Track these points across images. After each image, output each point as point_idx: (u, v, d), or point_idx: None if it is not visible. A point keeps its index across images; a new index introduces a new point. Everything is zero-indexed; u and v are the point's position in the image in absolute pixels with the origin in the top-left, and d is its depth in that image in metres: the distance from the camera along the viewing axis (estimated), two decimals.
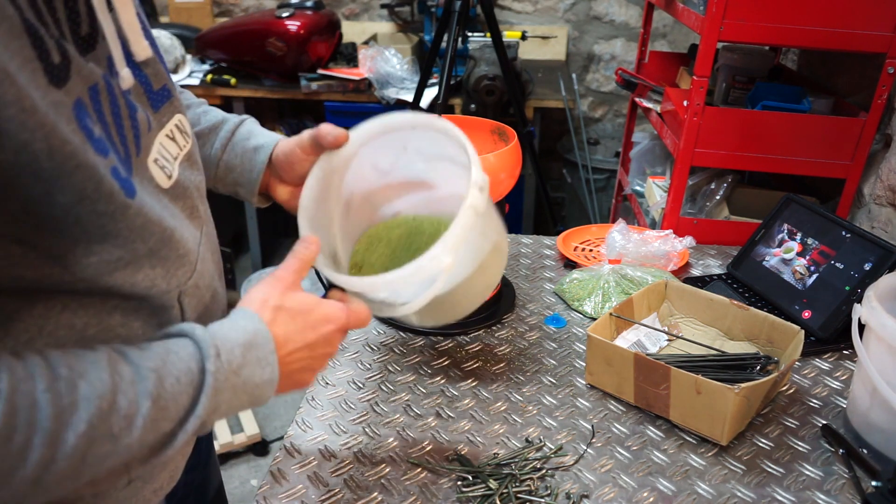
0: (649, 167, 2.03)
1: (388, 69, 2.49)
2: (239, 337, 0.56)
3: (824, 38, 1.29)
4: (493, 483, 0.79)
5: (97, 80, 0.49)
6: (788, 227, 1.20)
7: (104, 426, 0.46)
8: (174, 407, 0.51)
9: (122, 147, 0.52)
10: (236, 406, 0.56)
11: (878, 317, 0.80)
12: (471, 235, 0.68)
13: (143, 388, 0.49)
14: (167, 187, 0.59)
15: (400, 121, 0.76)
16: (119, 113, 0.52)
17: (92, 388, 0.46)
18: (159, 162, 0.58)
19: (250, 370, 0.56)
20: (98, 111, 0.49)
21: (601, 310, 1.14)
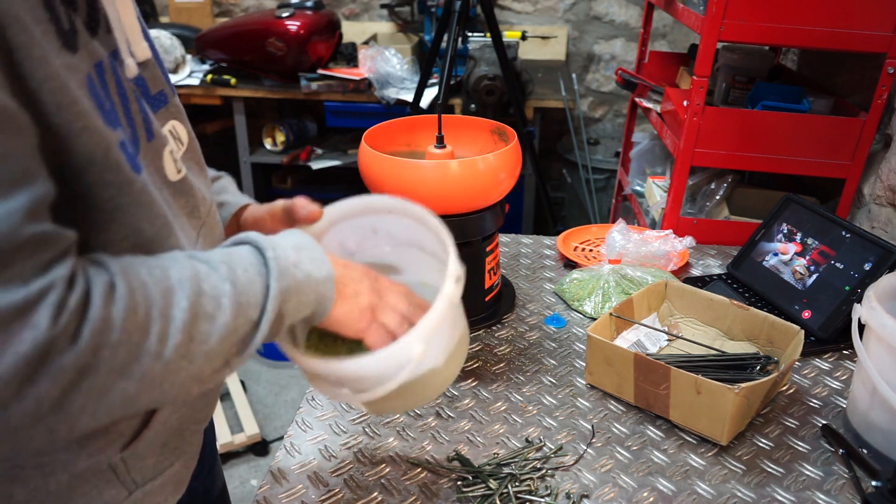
0: (649, 167, 2.03)
1: (388, 69, 2.49)
2: (287, 241, 0.59)
3: (824, 38, 1.29)
4: (493, 483, 0.79)
5: (102, 58, 0.50)
6: (788, 227, 1.20)
7: (199, 306, 0.50)
8: (251, 292, 0.54)
9: (129, 128, 0.53)
10: (305, 303, 0.59)
11: (878, 317, 0.80)
12: (443, 326, 0.68)
13: (220, 275, 0.52)
14: (174, 180, 0.60)
15: (377, 203, 0.77)
16: (126, 95, 0.53)
17: (181, 275, 0.50)
18: (174, 154, 0.60)
19: (308, 266, 0.58)
20: (104, 88, 0.50)
21: (601, 310, 1.14)
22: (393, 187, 1.00)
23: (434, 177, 0.97)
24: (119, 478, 0.61)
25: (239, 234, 0.60)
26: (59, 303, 0.42)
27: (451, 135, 1.09)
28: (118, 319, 0.45)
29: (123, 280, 0.46)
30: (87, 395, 0.44)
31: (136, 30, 0.58)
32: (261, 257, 0.56)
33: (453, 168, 0.97)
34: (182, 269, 0.51)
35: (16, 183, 0.41)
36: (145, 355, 0.46)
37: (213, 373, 0.53)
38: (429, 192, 0.98)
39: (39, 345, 0.41)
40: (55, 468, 0.56)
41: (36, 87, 0.43)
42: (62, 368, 0.42)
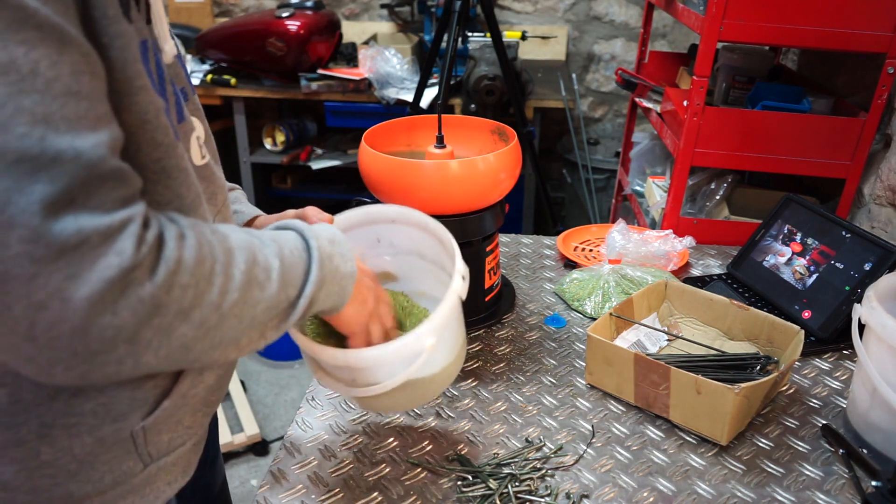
0: (649, 167, 2.03)
1: (388, 69, 2.49)
2: (324, 233, 0.63)
3: (824, 38, 1.29)
4: (493, 483, 0.79)
5: (147, 38, 0.54)
6: (788, 227, 1.20)
7: (252, 273, 0.53)
8: (294, 272, 0.57)
9: (165, 104, 0.56)
10: (330, 294, 0.62)
11: (878, 317, 0.80)
12: (452, 321, 0.71)
13: (271, 251, 0.56)
14: (199, 164, 0.64)
15: (382, 213, 0.81)
16: (164, 76, 0.57)
17: (239, 241, 0.54)
18: (200, 140, 0.64)
19: (338, 261, 0.62)
20: (145, 63, 0.53)
21: (601, 310, 1.14)
22: (393, 187, 1.00)
23: (434, 177, 0.97)
24: (137, 449, 0.62)
25: (282, 221, 0.64)
26: (139, 235, 0.45)
27: (451, 135, 1.09)
28: (189, 264, 0.47)
29: (193, 232, 0.49)
30: (155, 331, 0.46)
31: (165, 27, 0.62)
32: (305, 244, 0.60)
33: (453, 168, 0.97)
34: (240, 237, 0.54)
35: (101, 120, 0.45)
36: (207, 304, 0.49)
37: (250, 342, 0.55)
38: (429, 192, 0.98)
39: (124, 270, 0.43)
40: (81, 430, 0.58)
41: (107, 43, 0.48)
42: (141, 299, 0.45)
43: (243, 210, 0.84)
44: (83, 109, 0.43)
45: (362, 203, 1.07)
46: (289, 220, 0.64)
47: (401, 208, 0.81)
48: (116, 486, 0.62)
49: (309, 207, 0.79)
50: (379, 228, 0.83)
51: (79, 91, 0.43)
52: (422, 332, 0.67)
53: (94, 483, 0.60)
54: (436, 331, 0.68)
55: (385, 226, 0.83)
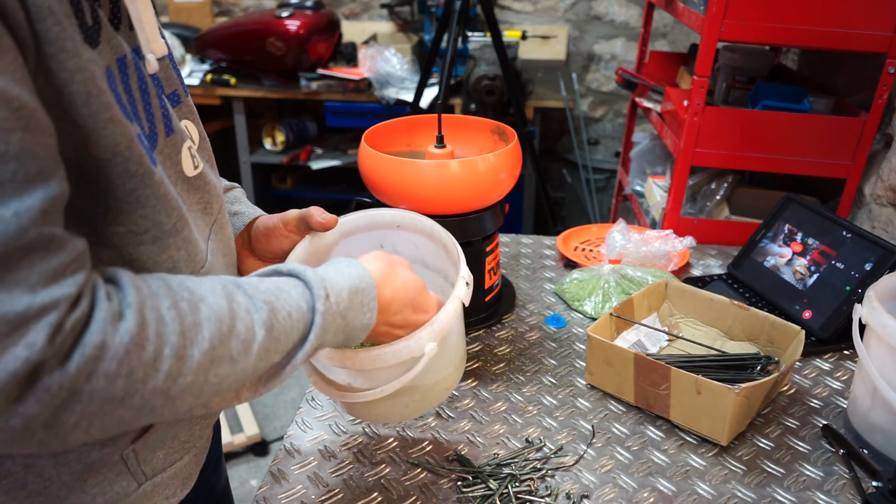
0: (649, 167, 2.03)
1: (388, 69, 2.49)
2: (346, 282, 0.59)
3: (824, 38, 1.29)
4: (493, 483, 0.78)
5: (125, 53, 0.52)
6: (789, 227, 1.20)
7: (224, 348, 0.49)
8: (285, 340, 0.54)
9: (148, 123, 0.54)
10: (333, 343, 0.60)
11: (878, 317, 0.80)
12: (454, 329, 0.70)
13: (259, 317, 0.52)
14: (190, 176, 0.61)
15: (387, 217, 0.80)
16: (147, 91, 0.55)
17: (212, 312, 0.49)
18: (192, 150, 0.62)
19: (354, 314, 0.59)
20: (125, 83, 0.51)
21: (601, 310, 1.14)
22: (393, 187, 1.00)
23: (434, 177, 0.97)
24: (130, 469, 0.61)
25: (299, 266, 0.59)
26: (58, 322, 0.41)
27: (451, 135, 1.09)
28: (117, 351, 0.43)
29: (137, 312, 0.45)
30: (80, 415, 0.43)
31: (153, 26, 0.59)
32: (310, 304, 0.56)
33: (453, 168, 0.97)
34: (215, 306, 0.49)
35: (31, 181, 0.41)
36: (148, 391, 0.45)
37: (221, 402, 0.53)
38: (429, 192, 0.98)
39: (32, 363, 0.40)
40: (69, 459, 0.57)
41: (67, 79, 0.44)
42: (49, 389, 0.41)
43: (243, 211, 0.81)
44: (8, 173, 0.39)
45: (363, 203, 1.07)
46: (303, 268, 0.58)
47: (406, 213, 0.79)
48: None
49: (313, 208, 0.77)
50: (382, 234, 0.82)
51: (4, 153, 0.39)
52: (423, 335, 0.66)
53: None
54: (437, 335, 0.67)
55: (389, 231, 0.81)
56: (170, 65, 0.63)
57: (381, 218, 0.80)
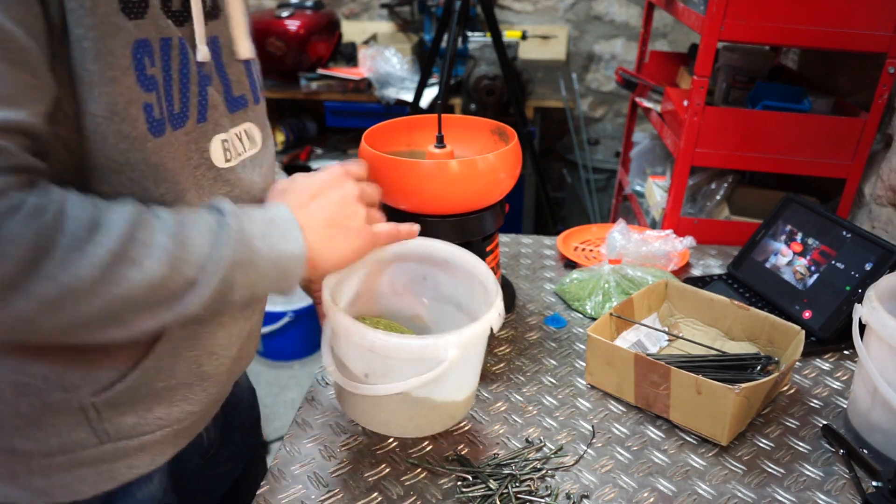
0: (649, 167, 2.03)
1: (388, 69, 2.49)
2: (263, 214, 0.62)
3: (824, 38, 1.29)
4: (493, 483, 0.78)
5: (173, 37, 0.57)
6: (789, 227, 1.20)
7: (125, 250, 0.51)
8: (195, 252, 0.55)
9: (181, 104, 0.59)
10: (266, 277, 0.60)
11: (878, 317, 0.80)
12: (476, 350, 0.70)
13: (162, 228, 0.54)
14: (220, 167, 0.65)
15: (437, 252, 0.81)
16: (188, 76, 0.59)
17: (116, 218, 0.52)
18: (226, 144, 0.65)
19: (274, 240, 0.61)
20: (165, 61, 0.57)
21: (601, 310, 1.14)
22: (393, 187, 1.00)
23: (434, 177, 0.97)
24: (90, 423, 0.64)
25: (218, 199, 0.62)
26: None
27: (451, 135, 1.08)
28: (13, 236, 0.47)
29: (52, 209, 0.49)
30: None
31: (242, 28, 0.67)
32: (220, 222, 0.58)
33: (453, 168, 0.97)
34: (122, 214, 0.52)
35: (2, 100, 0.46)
36: (45, 279, 0.48)
37: (138, 320, 0.54)
38: (429, 192, 0.98)
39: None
40: (29, 391, 0.60)
41: (82, 34, 0.50)
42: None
43: None
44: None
45: None
46: (220, 200, 0.62)
47: (456, 250, 0.80)
48: (64, 452, 0.64)
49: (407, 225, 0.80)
50: (430, 268, 0.82)
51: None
52: (450, 340, 0.66)
53: (38, 442, 0.62)
54: (461, 345, 0.66)
55: (435, 267, 0.82)
56: (243, 70, 0.69)
57: (431, 250, 0.81)
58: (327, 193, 0.68)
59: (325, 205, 0.67)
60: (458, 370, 0.69)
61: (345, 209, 0.68)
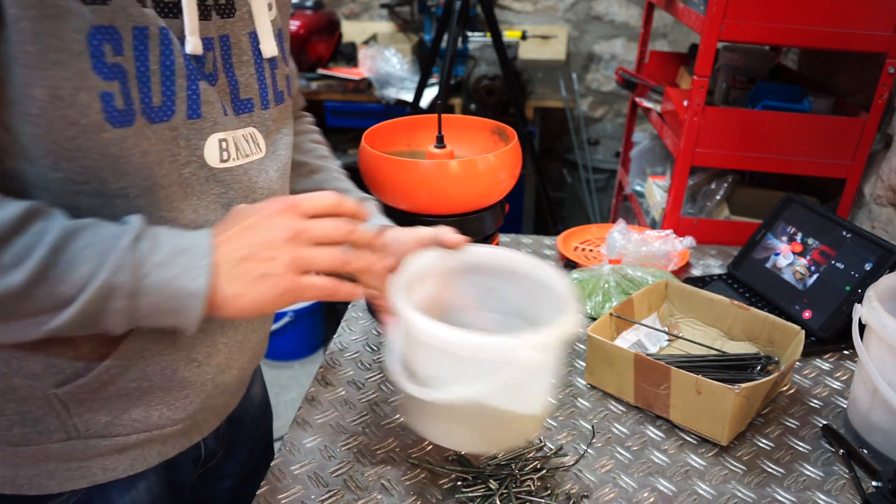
0: (649, 167, 2.03)
1: (388, 69, 2.49)
2: (174, 241, 0.55)
3: (824, 38, 1.29)
4: (493, 483, 0.78)
5: (150, 26, 0.54)
6: (789, 227, 1.20)
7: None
8: (75, 270, 0.51)
9: (163, 97, 0.56)
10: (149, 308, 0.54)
11: (878, 317, 0.80)
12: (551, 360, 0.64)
13: (44, 238, 0.51)
14: (214, 166, 0.62)
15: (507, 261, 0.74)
16: (172, 68, 0.57)
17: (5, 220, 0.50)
18: (224, 144, 0.63)
19: (174, 272, 0.53)
20: (140, 51, 0.54)
21: (601, 310, 1.14)
22: (393, 187, 1.00)
23: (434, 177, 0.97)
24: (57, 416, 0.63)
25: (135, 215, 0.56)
26: None
27: (451, 135, 1.09)
28: None
29: None
30: None
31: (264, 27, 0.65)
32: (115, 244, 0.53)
33: (453, 168, 0.97)
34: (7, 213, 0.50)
35: None
36: None
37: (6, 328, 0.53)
38: (429, 192, 0.98)
39: None
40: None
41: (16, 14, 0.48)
42: None
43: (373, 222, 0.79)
44: None
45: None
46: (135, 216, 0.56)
47: (529, 261, 0.74)
48: (29, 443, 0.63)
49: (442, 227, 0.74)
50: (496, 280, 0.76)
51: None
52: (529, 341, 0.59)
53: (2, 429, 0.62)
54: (539, 348, 0.59)
55: (503, 278, 0.76)
56: (255, 73, 0.66)
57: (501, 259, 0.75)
58: (256, 229, 0.58)
59: (248, 243, 0.57)
60: (535, 377, 0.64)
61: (266, 251, 0.57)
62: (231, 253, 0.56)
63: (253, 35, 0.65)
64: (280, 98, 0.70)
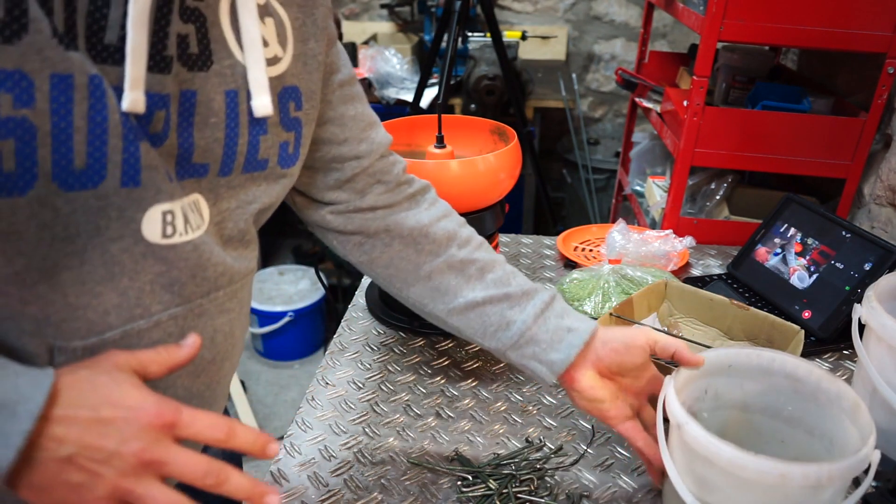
0: (649, 167, 2.03)
1: (388, 69, 2.49)
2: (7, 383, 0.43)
3: (824, 38, 1.29)
4: (493, 483, 0.79)
5: (76, 73, 0.45)
6: (788, 227, 1.20)
7: None
8: None
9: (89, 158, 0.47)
10: None
11: (878, 317, 0.80)
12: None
13: None
14: (154, 242, 0.52)
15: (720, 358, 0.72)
16: (104, 125, 0.47)
17: None
18: (168, 217, 0.53)
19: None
20: (61, 103, 0.45)
21: (601, 310, 1.14)
22: None
23: (434, 177, 0.97)
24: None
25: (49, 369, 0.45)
26: None
27: (451, 135, 1.09)
28: None
29: None
30: None
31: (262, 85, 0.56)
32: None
33: (453, 168, 0.97)
34: None
35: None
36: None
37: None
38: None
39: None
40: None
41: None
42: None
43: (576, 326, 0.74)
44: None
45: None
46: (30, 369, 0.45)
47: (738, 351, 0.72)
48: None
49: (679, 343, 0.71)
50: (711, 380, 0.73)
51: None
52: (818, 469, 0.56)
53: None
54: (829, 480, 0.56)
55: (718, 377, 0.73)
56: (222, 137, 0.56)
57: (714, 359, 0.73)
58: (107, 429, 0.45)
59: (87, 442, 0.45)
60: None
61: (99, 463, 0.45)
62: (61, 441, 0.44)
63: (232, 94, 0.56)
64: (261, 166, 0.60)
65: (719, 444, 0.59)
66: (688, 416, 0.62)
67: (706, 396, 0.74)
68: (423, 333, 1.09)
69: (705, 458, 0.60)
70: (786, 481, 0.57)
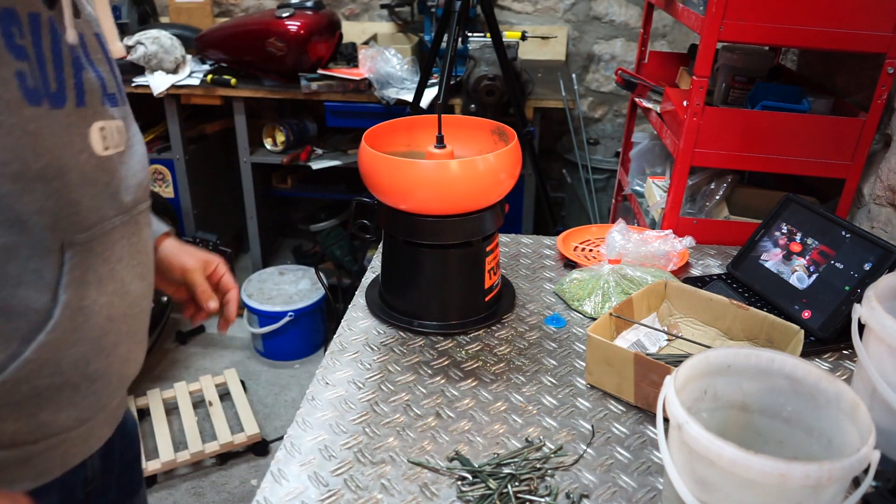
0: (649, 167, 2.03)
1: (388, 69, 2.49)
2: None
3: (824, 38, 1.29)
4: (493, 483, 0.79)
5: (42, 13, 0.57)
6: (788, 227, 1.20)
7: None
8: None
9: (57, 83, 0.59)
10: None
11: (877, 317, 0.80)
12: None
13: None
14: (99, 154, 0.65)
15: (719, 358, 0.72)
16: (61, 56, 0.59)
17: None
18: (105, 132, 0.65)
19: None
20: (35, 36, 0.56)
21: (601, 310, 1.14)
22: (393, 187, 1.00)
23: (434, 177, 0.97)
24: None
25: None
26: None
27: (451, 135, 1.09)
28: None
29: None
30: None
31: (112, 30, 0.68)
32: None
33: (453, 168, 0.97)
34: None
35: None
36: None
37: None
38: (429, 192, 0.98)
39: None
40: None
41: None
42: None
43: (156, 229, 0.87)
44: None
45: (363, 203, 1.07)
46: None
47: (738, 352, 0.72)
48: None
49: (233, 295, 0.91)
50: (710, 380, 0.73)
51: None
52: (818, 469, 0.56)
53: None
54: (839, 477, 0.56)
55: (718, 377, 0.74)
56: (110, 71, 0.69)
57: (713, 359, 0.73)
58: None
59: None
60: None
61: None
62: None
63: (98, 36, 0.68)
64: (125, 99, 0.73)
65: (720, 443, 0.59)
66: (688, 415, 0.62)
67: (705, 396, 0.75)
68: (423, 333, 1.09)
69: (705, 457, 0.60)
70: (786, 481, 0.57)
